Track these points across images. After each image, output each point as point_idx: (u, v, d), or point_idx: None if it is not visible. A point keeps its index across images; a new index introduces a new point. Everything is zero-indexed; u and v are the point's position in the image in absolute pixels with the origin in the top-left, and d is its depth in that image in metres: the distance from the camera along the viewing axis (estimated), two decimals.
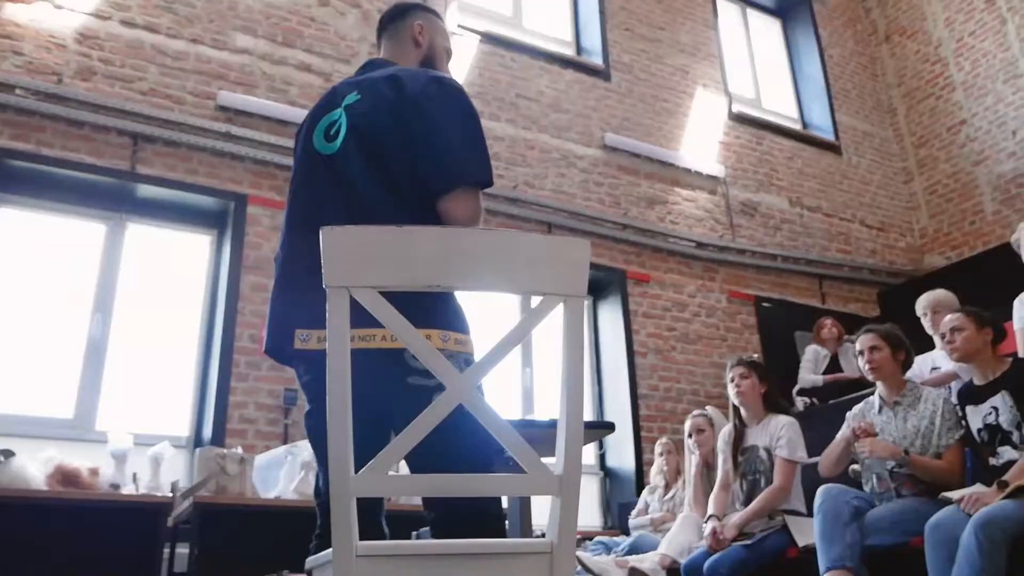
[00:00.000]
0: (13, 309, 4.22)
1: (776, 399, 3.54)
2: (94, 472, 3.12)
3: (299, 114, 4.89)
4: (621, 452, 5.45)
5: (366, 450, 1.69)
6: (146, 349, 4.44)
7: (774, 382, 3.59)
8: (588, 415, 5.66)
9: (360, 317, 1.68)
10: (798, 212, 6.84)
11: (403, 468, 1.82)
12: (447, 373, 1.27)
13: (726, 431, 3.64)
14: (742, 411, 3.56)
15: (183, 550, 3.19)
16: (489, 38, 5.90)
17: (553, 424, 2.17)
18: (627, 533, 4.55)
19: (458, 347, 1.74)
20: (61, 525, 2.90)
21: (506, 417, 1.38)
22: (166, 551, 3.26)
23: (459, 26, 5.79)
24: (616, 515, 5.27)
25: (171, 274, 4.67)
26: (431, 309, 1.68)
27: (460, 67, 5.69)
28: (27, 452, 3.22)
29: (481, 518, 1.67)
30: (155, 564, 3.02)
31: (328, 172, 1.80)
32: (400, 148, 1.73)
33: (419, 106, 1.73)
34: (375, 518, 1.77)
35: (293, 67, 5.10)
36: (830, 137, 7.34)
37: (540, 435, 2.21)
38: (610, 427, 2.16)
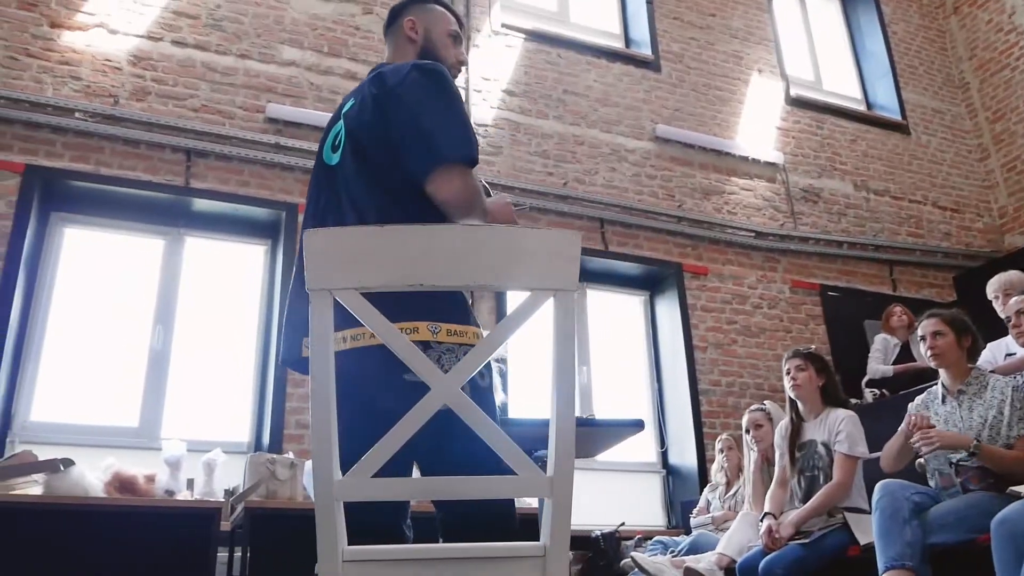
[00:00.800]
0: (80, 324, 4.39)
1: (835, 392, 3.39)
2: (150, 479, 3.20)
3: None
4: (683, 449, 5.33)
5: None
6: (206, 358, 4.56)
7: (833, 374, 3.44)
8: (648, 412, 5.57)
9: (345, 317, 1.68)
10: (864, 196, 6.57)
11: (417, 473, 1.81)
12: (430, 373, 1.24)
13: (783, 426, 3.51)
14: (799, 405, 3.43)
15: (240, 554, 3.27)
16: (534, 36, 5.86)
17: (585, 422, 2.13)
18: (689, 532, 4.45)
19: (453, 338, 1.69)
20: (118, 530, 2.99)
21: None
22: (223, 555, 3.33)
23: (503, 25, 5.76)
24: (679, 514, 5.15)
25: (228, 285, 4.78)
26: (418, 301, 1.64)
27: (505, 67, 5.67)
28: (97, 460, 3.35)
29: (490, 519, 1.64)
30: (209, 568, 3.08)
31: (332, 183, 1.81)
32: (383, 142, 1.71)
33: (397, 95, 1.72)
34: (397, 524, 1.75)
35: (340, 76, 5.16)
36: (897, 116, 7.03)
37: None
38: (638, 425, 2.09)
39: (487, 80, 5.58)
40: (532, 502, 3.19)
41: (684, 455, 5.32)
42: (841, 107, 6.90)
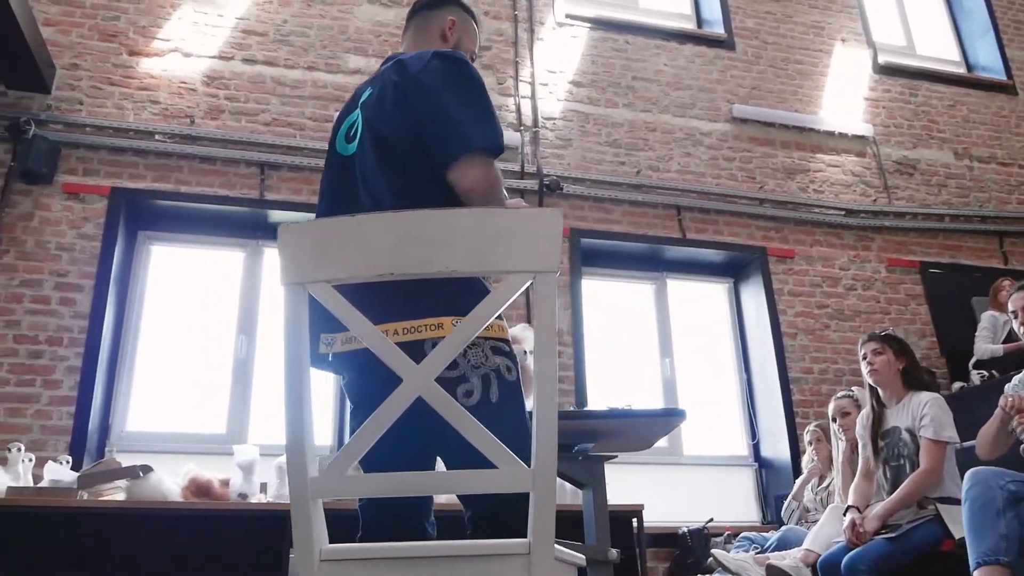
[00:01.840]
0: (169, 337, 4.59)
1: (917, 374, 3.15)
2: (225, 483, 3.31)
3: None
4: (775, 441, 5.10)
5: (400, 449, 1.66)
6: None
7: (913, 355, 3.20)
8: (736, 404, 5.36)
9: (372, 313, 1.65)
10: (966, 165, 6.12)
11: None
12: (402, 365, 1.20)
13: (863, 415, 3.29)
14: (879, 391, 3.20)
15: None
16: (599, 24, 5.75)
17: (642, 413, 2.03)
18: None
19: (480, 333, 1.64)
20: (195, 533, 3.10)
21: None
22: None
23: (567, 16, 5.68)
24: (774, 509, 4.93)
25: None
26: (441, 296, 1.60)
27: (571, 58, 5.58)
28: (187, 466, 3.49)
29: (518, 513, 1.59)
30: (283, 569, 3.15)
31: (348, 174, 1.78)
32: (405, 130, 1.68)
33: (420, 83, 1.68)
34: (418, 521, 1.72)
35: None
36: (1001, 77, 6.52)
37: (627, 425, 2.08)
38: (680, 415, 1.98)
39: (553, 73, 5.51)
40: (574, 499, 3.10)
41: (776, 447, 5.09)
42: (937, 71, 6.45)
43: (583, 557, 1.32)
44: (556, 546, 1.16)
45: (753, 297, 5.44)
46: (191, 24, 4.92)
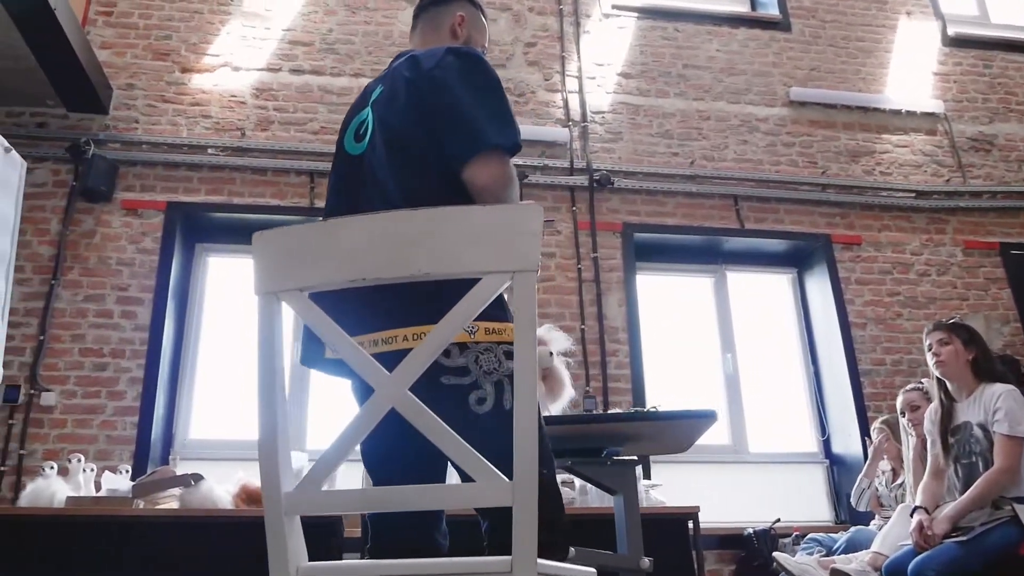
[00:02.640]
0: (228, 345, 4.68)
1: (988, 365, 2.94)
2: None
3: None
4: (846, 437, 4.87)
5: (410, 459, 1.61)
6: None
7: (985, 345, 2.98)
8: (804, 399, 5.15)
9: (381, 319, 1.61)
10: None
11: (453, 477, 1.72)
12: (374, 374, 1.14)
13: (932, 409, 3.09)
14: (947, 384, 3.00)
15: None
16: (647, 13, 5.61)
17: (668, 415, 1.94)
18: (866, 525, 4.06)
19: (491, 337, 1.58)
20: (245, 540, 3.12)
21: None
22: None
23: (613, 7, 5.56)
24: (846, 507, 4.71)
25: None
26: (443, 300, 1.55)
27: (618, 49, 5.46)
28: (238, 474, 3.54)
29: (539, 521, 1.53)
30: None
31: (357, 173, 1.74)
32: (419, 128, 1.64)
33: (434, 79, 1.65)
34: (429, 534, 1.67)
35: None
36: None
37: (653, 428, 1.99)
38: (710, 416, 1.87)
39: (600, 65, 5.40)
40: (603, 502, 2.99)
41: (848, 443, 4.86)
42: (1014, 40, 6.06)
43: (582, 570, 1.24)
44: (542, 561, 1.09)
45: (818, 287, 5.21)
46: (239, 38, 5.02)
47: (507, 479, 1.10)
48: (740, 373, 5.07)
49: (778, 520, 4.23)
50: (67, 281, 4.35)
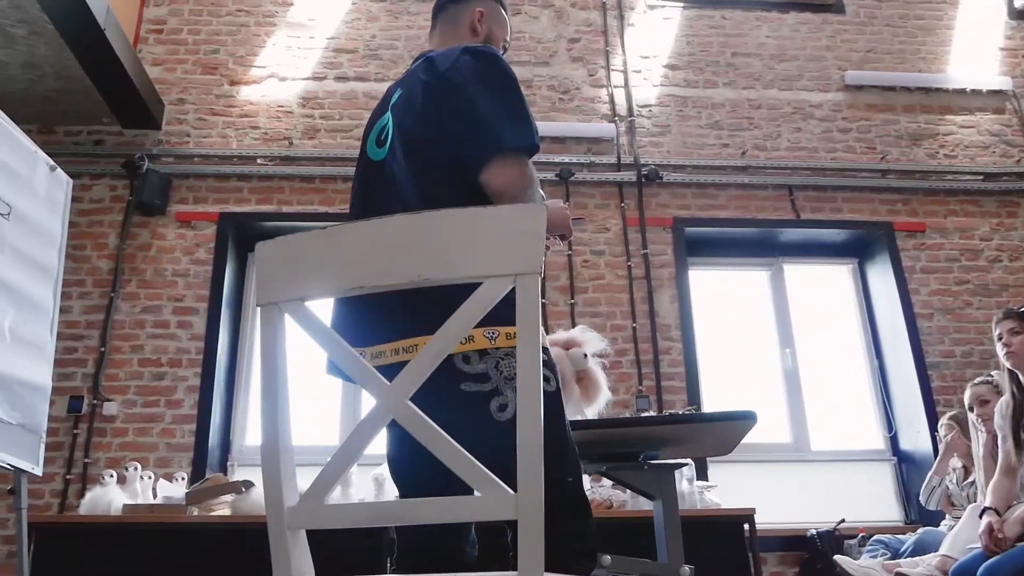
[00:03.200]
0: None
1: None
2: None
3: None
4: (915, 433, 4.66)
5: (438, 468, 1.58)
6: None
7: None
8: (869, 394, 4.95)
9: (404, 327, 1.58)
10: None
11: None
12: (374, 384, 1.11)
13: (1002, 403, 2.92)
14: (1020, 376, 2.83)
15: None
16: (693, 1, 5.48)
17: (704, 417, 1.88)
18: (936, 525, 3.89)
19: (512, 342, 1.55)
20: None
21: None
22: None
23: None
24: (916, 507, 4.51)
25: None
26: None
27: (664, 41, 5.36)
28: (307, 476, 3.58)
29: (561, 519, 1.49)
30: None
31: (379, 179, 1.73)
32: (436, 131, 1.62)
33: (450, 80, 1.62)
34: (457, 544, 1.64)
35: None
36: None
37: (684, 432, 1.92)
38: (750, 417, 1.79)
39: (646, 58, 5.30)
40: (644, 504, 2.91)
41: (917, 439, 4.65)
42: None
43: None
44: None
45: (881, 277, 5.01)
46: (284, 49, 5.08)
47: (511, 491, 1.05)
48: (800, 369, 4.91)
49: (842, 521, 4.08)
50: (126, 293, 4.47)
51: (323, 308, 1.42)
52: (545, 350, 1.60)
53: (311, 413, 4.62)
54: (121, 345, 4.38)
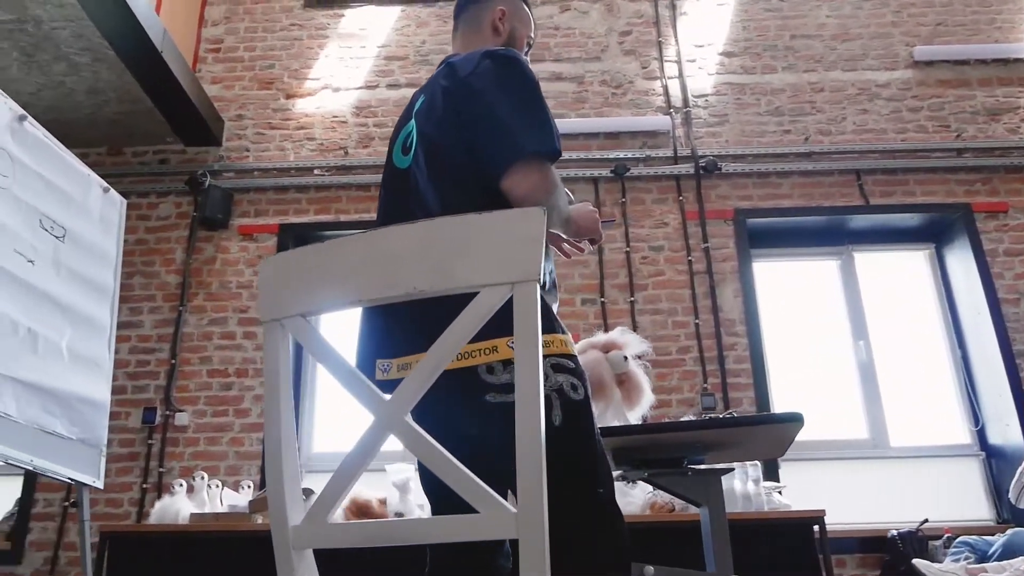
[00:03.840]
0: None
1: None
2: (383, 502, 3.37)
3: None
4: (1004, 426, 4.40)
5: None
6: None
7: None
8: (952, 384, 4.70)
9: (425, 338, 1.56)
10: None
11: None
12: (372, 401, 1.09)
13: None
14: None
15: None
16: None
17: (747, 421, 1.81)
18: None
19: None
20: (352, 552, 3.17)
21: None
22: None
23: None
24: (1008, 505, 4.25)
25: None
26: (494, 316, 1.49)
27: (719, 28, 5.21)
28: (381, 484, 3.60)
29: (588, 525, 1.45)
30: None
31: (404, 187, 1.71)
32: (457, 139, 1.60)
33: (470, 86, 1.60)
34: (489, 556, 1.61)
35: (545, 80, 5.08)
36: None
37: (736, 435, 1.84)
38: (796, 419, 1.69)
39: (700, 47, 5.16)
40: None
41: (1007, 433, 4.39)
42: None
43: None
44: None
45: (960, 262, 4.75)
46: (337, 60, 5.15)
47: (512, 509, 1.01)
48: (875, 361, 4.69)
49: (925, 520, 3.88)
50: (193, 307, 4.61)
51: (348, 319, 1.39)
52: (573, 357, 1.55)
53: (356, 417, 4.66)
54: (190, 357, 4.51)
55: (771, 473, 4.06)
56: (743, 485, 3.34)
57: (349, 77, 5.11)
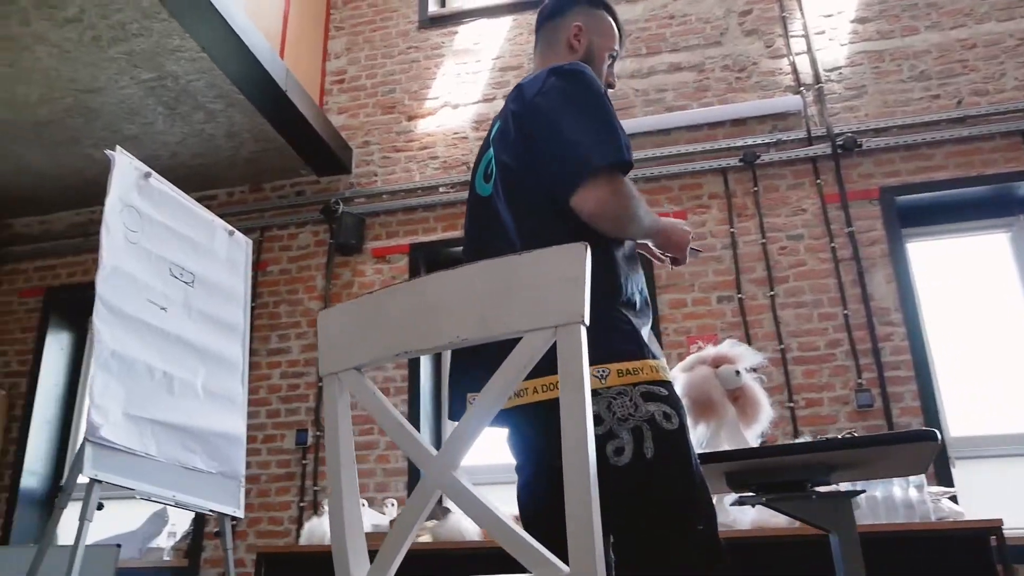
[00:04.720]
0: None
1: None
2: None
3: (677, 119, 4.73)
4: None
5: (556, 508, 1.51)
6: None
7: None
8: None
9: None
10: None
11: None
12: (421, 456, 1.05)
13: None
14: None
15: None
16: None
17: (865, 441, 1.67)
18: None
19: (625, 379, 1.45)
20: (493, 571, 3.18)
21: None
22: None
23: None
24: None
25: None
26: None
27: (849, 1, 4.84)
28: None
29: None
30: None
31: (487, 216, 1.70)
32: (527, 162, 1.57)
33: (537, 107, 1.57)
34: None
35: (663, 72, 4.94)
36: None
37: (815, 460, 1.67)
38: (929, 437, 1.50)
39: (828, 16, 4.81)
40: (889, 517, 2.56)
41: None
42: None
43: None
44: None
45: None
46: (454, 77, 5.22)
47: (565, 567, 0.94)
48: None
49: None
50: None
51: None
52: (666, 384, 1.47)
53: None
54: None
55: (943, 476, 3.71)
56: (903, 492, 3.06)
57: (466, 93, 5.17)
